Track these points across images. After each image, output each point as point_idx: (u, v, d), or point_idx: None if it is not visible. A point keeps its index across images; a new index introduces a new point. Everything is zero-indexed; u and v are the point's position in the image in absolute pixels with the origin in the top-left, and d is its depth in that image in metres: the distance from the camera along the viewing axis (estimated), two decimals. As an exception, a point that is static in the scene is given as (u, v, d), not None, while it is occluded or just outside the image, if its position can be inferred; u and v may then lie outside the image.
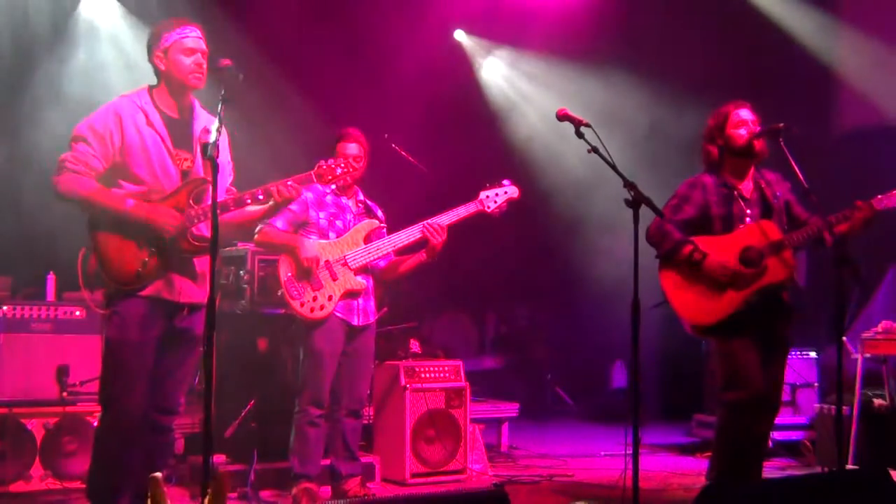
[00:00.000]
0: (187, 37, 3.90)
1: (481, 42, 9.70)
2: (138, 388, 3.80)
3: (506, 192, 5.06)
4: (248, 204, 3.92)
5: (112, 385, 3.84)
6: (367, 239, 5.06)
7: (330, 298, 4.91)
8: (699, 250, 4.54)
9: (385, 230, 5.19)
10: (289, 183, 3.97)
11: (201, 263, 3.95)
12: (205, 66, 3.93)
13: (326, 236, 5.01)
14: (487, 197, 5.03)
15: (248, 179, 4.21)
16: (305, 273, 4.87)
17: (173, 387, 3.97)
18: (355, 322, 5.01)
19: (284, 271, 4.89)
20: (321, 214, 5.03)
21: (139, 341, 3.80)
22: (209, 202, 3.86)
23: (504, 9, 9.09)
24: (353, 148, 5.09)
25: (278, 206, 4.04)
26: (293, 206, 4.99)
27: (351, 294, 4.98)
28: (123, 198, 3.79)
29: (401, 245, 5.04)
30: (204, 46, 3.94)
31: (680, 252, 4.58)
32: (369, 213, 5.20)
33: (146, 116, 3.87)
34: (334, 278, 4.93)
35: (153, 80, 3.98)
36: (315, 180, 4.08)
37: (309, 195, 5.03)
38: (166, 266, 3.83)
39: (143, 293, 3.80)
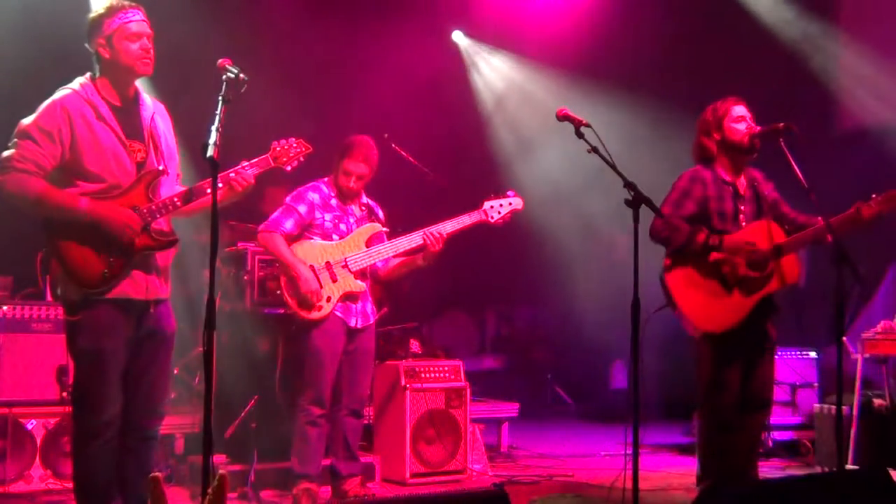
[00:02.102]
0: (131, 21, 3.71)
1: (479, 43, 9.69)
2: (113, 393, 3.70)
3: (510, 204, 5.07)
4: (207, 194, 3.74)
5: (86, 393, 3.72)
6: (369, 242, 5.07)
7: (328, 300, 4.91)
8: (713, 235, 4.49)
9: (385, 234, 5.20)
10: (248, 169, 3.86)
11: (162, 257, 3.85)
12: (152, 50, 3.76)
13: (330, 238, 5.02)
14: (492, 207, 5.04)
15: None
16: (304, 303, 4.85)
17: (153, 388, 3.86)
18: (353, 324, 5.01)
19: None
20: (326, 217, 5.03)
21: (112, 348, 3.68)
22: (165, 192, 3.80)
23: (503, 11, 9.11)
24: (357, 167, 5.05)
25: (237, 194, 3.86)
26: (301, 209, 4.99)
27: (349, 297, 4.98)
28: (77, 197, 3.62)
29: (401, 250, 5.06)
30: (149, 29, 3.76)
31: (695, 241, 4.50)
32: (371, 214, 5.21)
33: (95, 109, 3.69)
34: (334, 280, 4.93)
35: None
36: (272, 163, 3.97)
37: (315, 197, 5.04)
38: (130, 264, 3.71)
39: (110, 295, 3.67)
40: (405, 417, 5.70)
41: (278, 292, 4.92)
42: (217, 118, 3.45)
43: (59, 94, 3.74)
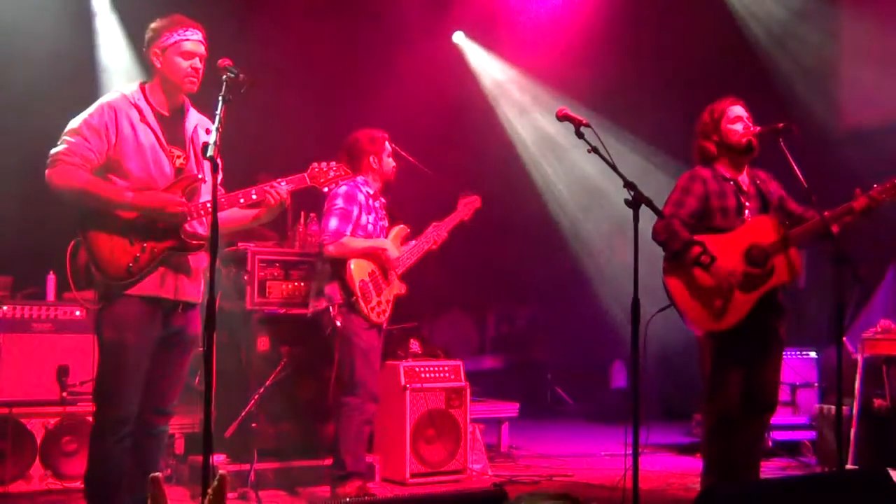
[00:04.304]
0: (187, 39, 3.84)
1: (480, 44, 9.69)
2: (133, 390, 3.75)
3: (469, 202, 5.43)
4: (241, 204, 3.89)
5: (107, 386, 3.78)
6: (402, 244, 5.25)
7: (388, 303, 5.10)
8: (707, 252, 4.48)
9: (408, 234, 5.37)
10: (282, 184, 3.94)
11: (195, 260, 3.90)
12: (201, 70, 3.87)
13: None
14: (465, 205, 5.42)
15: (245, 181, 4.17)
16: (385, 274, 5.06)
17: (167, 388, 3.91)
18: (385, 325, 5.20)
19: (359, 275, 4.97)
20: (369, 218, 5.10)
21: (136, 343, 3.74)
22: (201, 200, 3.86)
23: (503, 12, 9.11)
24: (389, 148, 5.26)
25: (272, 211, 3.96)
26: (353, 210, 5.03)
27: (396, 298, 5.16)
28: (122, 189, 3.73)
29: (420, 254, 5.27)
30: (203, 50, 3.88)
31: (689, 253, 4.51)
32: (389, 215, 5.32)
33: (140, 113, 3.81)
34: (388, 284, 5.10)
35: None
36: (308, 182, 4.05)
37: (361, 198, 5.08)
38: (158, 262, 3.77)
39: (138, 292, 3.73)
40: (405, 417, 5.70)
41: (353, 299, 4.96)
42: (217, 118, 3.50)
43: (108, 96, 3.87)
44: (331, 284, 5.02)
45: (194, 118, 3.99)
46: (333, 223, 4.98)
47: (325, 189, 4.11)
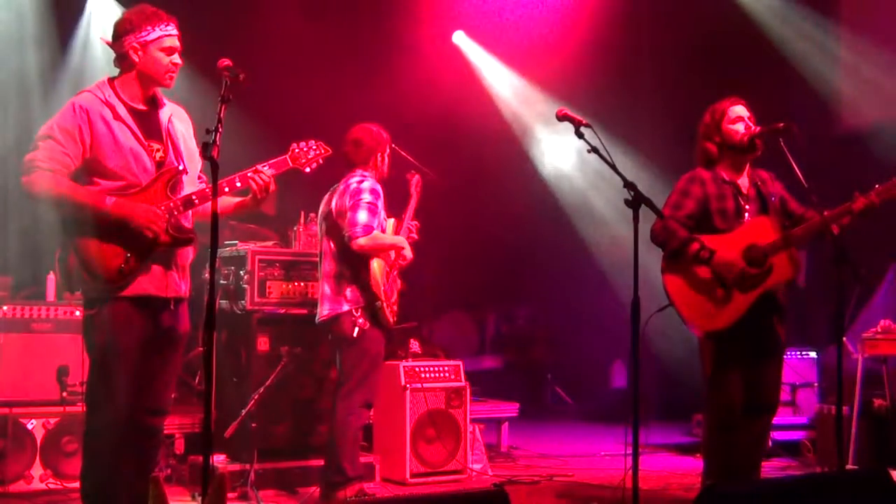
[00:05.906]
0: (168, 35, 3.77)
1: (480, 44, 9.68)
2: (125, 392, 3.71)
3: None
4: (226, 193, 3.83)
5: (99, 390, 3.73)
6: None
7: (396, 303, 5.07)
8: (706, 248, 4.48)
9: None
10: (266, 168, 3.86)
11: (182, 255, 3.86)
12: (180, 64, 3.83)
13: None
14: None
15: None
16: (389, 273, 5.03)
17: (161, 387, 3.87)
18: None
19: (380, 277, 4.93)
20: (383, 212, 5.06)
21: (128, 346, 3.69)
22: (185, 192, 3.82)
23: (503, 12, 9.12)
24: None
25: (258, 200, 3.89)
26: (378, 204, 4.97)
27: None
28: (102, 195, 3.65)
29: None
30: (179, 44, 3.83)
31: (687, 250, 4.51)
32: None
33: (112, 110, 3.73)
34: (393, 283, 5.08)
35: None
36: (290, 164, 3.98)
37: (379, 192, 5.02)
38: (148, 260, 3.72)
39: (130, 293, 3.68)
40: (405, 417, 5.71)
41: (378, 304, 4.90)
42: (217, 118, 3.47)
43: (77, 97, 3.78)
44: (351, 287, 4.92)
45: (168, 109, 3.93)
46: (364, 216, 4.87)
47: (307, 170, 4.05)
